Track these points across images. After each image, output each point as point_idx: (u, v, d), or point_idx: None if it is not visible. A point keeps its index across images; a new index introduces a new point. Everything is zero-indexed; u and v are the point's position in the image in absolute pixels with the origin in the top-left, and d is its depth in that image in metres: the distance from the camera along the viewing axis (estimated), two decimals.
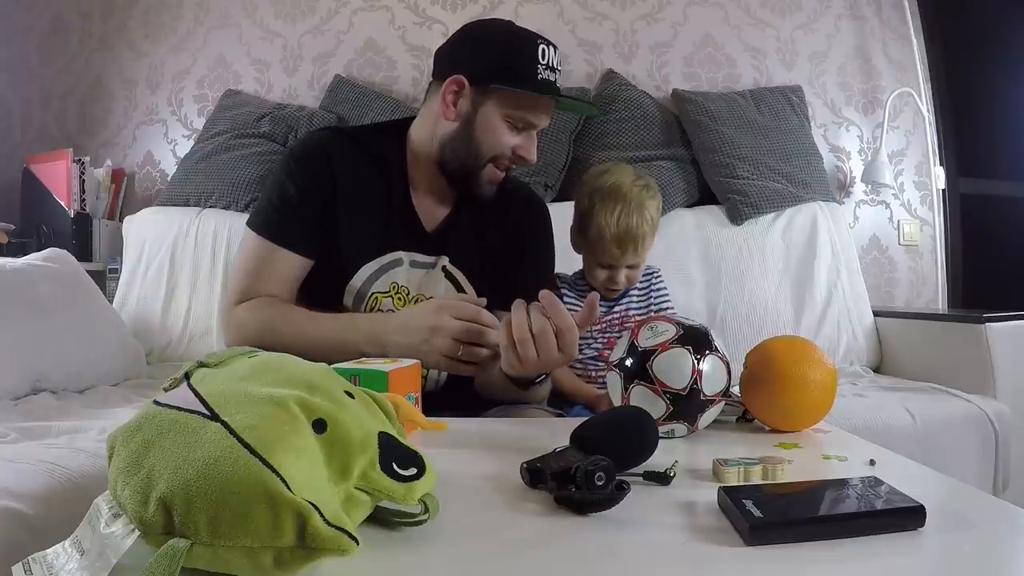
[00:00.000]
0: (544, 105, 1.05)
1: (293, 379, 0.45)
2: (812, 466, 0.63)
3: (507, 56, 1.03)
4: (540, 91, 1.03)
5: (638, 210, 1.19)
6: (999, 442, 1.43)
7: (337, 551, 0.36)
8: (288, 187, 1.06)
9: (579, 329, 0.81)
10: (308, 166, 1.07)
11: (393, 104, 2.21)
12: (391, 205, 1.10)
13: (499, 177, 1.09)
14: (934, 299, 2.30)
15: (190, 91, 2.38)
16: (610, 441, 0.57)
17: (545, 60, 1.02)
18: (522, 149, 1.07)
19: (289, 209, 1.05)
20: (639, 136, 2.11)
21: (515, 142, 1.06)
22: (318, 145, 1.09)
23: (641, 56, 2.33)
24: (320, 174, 1.06)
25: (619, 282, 1.22)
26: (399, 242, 1.09)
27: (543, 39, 1.04)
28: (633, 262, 1.22)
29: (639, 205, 1.20)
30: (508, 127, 1.05)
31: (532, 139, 1.08)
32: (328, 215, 1.06)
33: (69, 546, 0.38)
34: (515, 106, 1.03)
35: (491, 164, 1.07)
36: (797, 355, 0.76)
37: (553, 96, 1.04)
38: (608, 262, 1.22)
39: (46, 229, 2.06)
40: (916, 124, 2.33)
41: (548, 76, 1.03)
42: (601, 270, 1.23)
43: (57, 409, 1.19)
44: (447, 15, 2.32)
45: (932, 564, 0.43)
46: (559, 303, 0.79)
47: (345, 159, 1.08)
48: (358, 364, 0.77)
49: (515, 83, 1.01)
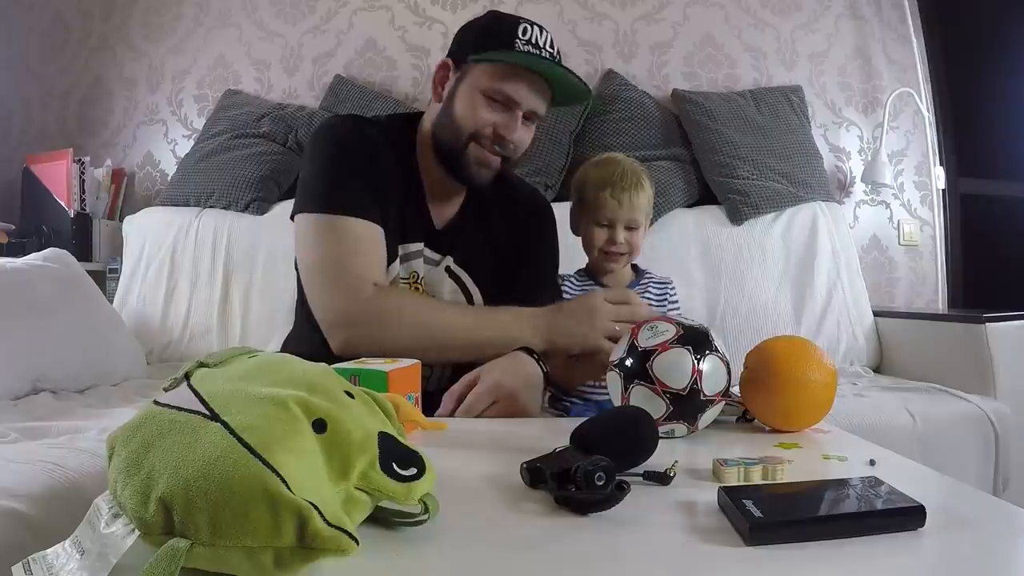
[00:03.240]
0: (523, 78, 1.01)
1: (293, 379, 0.45)
2: (812, 466, 0.63)
3: (484, 32, 1.04)
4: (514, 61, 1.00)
5: (632, 168, 1.24)
6: (999, 442, 1.42)
7: (337, 551, 0.36)
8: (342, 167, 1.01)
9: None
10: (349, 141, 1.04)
11: (393, 104, 2.21)
12: (410, 196, 1.09)
13: (489, 160, 1.05)
14: (934, 299, 2.30)
15: (190, 91, 2.38)
16: (610, 441, 0.57)
17: (526, 36, 1.00)
18: (502, 127, 1.03)
19: (350, 185, 1.00)
20: (639, 136, 2.11)
21: (495, 119, 1.03)
22: (351, 126, 1.07)
23: (641, 56, 2.33)
24: (363, 148, 1.04)
25: (618, 242, 1.22)
26: (420, 233, 1.09)
27: (531, 22, 1.03)
28: (630, 218, 1.22)
29: (632, 165, 1.26)
30: (486, 102, 1.02)
31: (515, 118, 1.03)
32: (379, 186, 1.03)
33: (69, 546, 0.38)
34: (492, 79, 1.01)
35: (474, 143, 1.04)
36: (797, 355, 0.76)
37: (529, 66, 1.00)
38: (607, 216, 1.21)
39: (46, 229, 2.06)
40: (916, 124, 2.33)
41: (529, 50, 1.00)
42: (599, 231, 1.23)
43: (57, 409, 1.19)
44: (447, 15, 2.32)
45: (932, 564, 0.43)
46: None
47: (374, 141, 1.06)
48: (358, 364, 0.77)
49: (485, 52, 1.01)
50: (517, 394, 0.89)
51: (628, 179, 1.21)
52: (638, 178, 1.23)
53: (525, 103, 1.03)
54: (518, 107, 1.03)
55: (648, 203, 1.26)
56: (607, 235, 1.23)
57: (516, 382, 0.91)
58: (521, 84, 1.01)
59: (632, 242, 1.24)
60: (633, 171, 1.24)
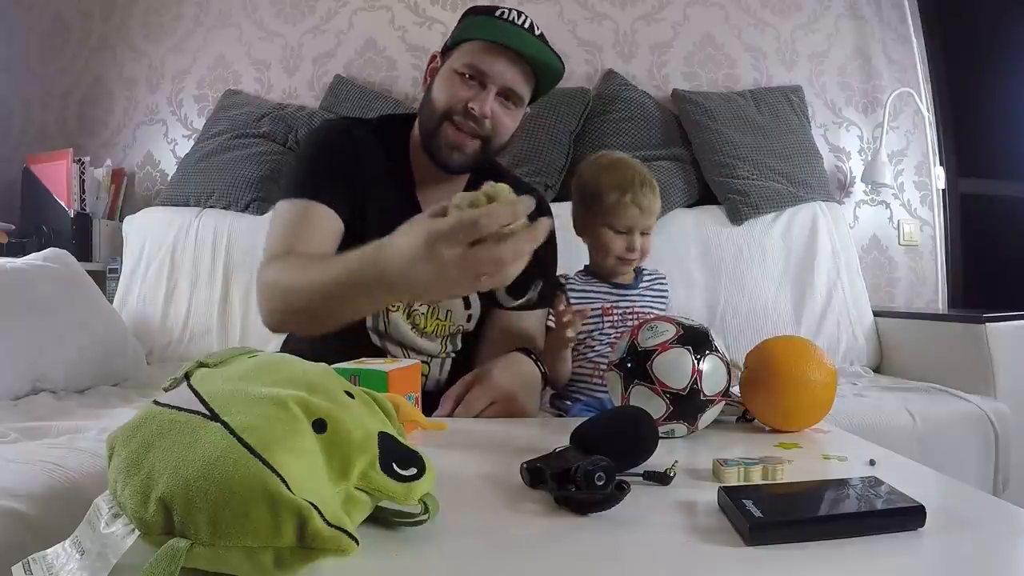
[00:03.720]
0: (498, 54, 1.00)
1: (293, 379, 0.45)
2: (812, 466, 0.63)
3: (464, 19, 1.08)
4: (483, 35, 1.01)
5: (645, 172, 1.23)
6: (999, 442, 1.42)
7: (337, 551, 0.36)
8: (317, 160, 1.05)
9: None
10: (334, 146, 1.07)
11: (393, 104, 2.21)
12: (400, 195, 1.10)
13: (462, 142, 1.04)
14: (934, 299, 2.30)
15: (190, 91, 2.38)
16: (610, 441, 0.57)
17: (502, 16, 1.02)
18: (473, 101, 1.01)
19: (319, 175, 1.04)
20: (639, 136, 2.11)
21: (467, 95, 1.02)
22: (342, 130, 1.10)
23: (641, 56, 2.33)
24: (345, 149, 1.07)
25: (637, 248, 1.22)
26: None
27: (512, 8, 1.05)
28: (647, 224, 1.22)
29: (643, 168, 1.25)
30: (460, 80, 1.02)
31: (488, 93, 1.02)
32: (354, 193, 1.04)
33: (69, 546, 0.38)
34: (464, 57, 1.02)
35: (448, 124, 1.03)
36: (797, 355, 0.76)
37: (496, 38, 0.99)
38: (627, 224, 1.21)
39: (46, 229, 2.06)
40: (916, 124, 2.33)
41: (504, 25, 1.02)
42: (618, 239, 1.22)
43: (57, 409, 1.19)
44: (447, 15, 2.32)
45: (932, 564, 0.43)
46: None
47: (364, 143, 1.09)
48: (358, 364, 0.77)
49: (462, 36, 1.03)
50: (515, 394, 0.89)
51: (647, 184, 1.21)
52: (652, 182, 1.23)
53: (499, 79, 1.02)
54: (492, 82, 1.02)
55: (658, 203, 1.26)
56: (626, 243, 1.22)
57: (514, 382, 0.90)
58: (495, 59, 1.01)
59: (645, 248, 1.24)
60: (647, 175, 1.23)
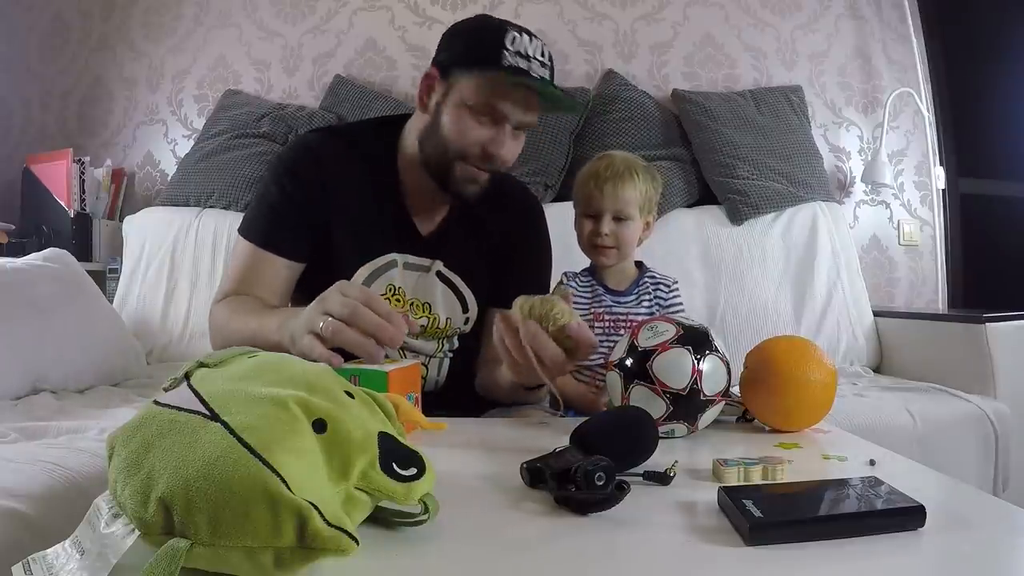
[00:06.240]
0: (512, 92, 0.96)
1: (293, 379, 0.45)
2: (812, 466, 0.63)
3: (469, 43, 0.98)
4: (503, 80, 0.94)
5: (624, 161, 1.20)
6: (999, 442, 1.43)
7: (337, 551, 0.36)
8: (275, 192, 1.04)
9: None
10: (296, 170, 1.05)
11: (393, 104, 2.21)
12: (382, 207, 1.07)
13: (477, 176, 1.01)
14: (934, 299, 2.30)
15: (190, 91, 2.38)
16: (610, 441, 0.57)
17: (514, 46, 0.94)
18: (492, 144, 0.98)
19: (276, 214, 1.03)
20: (639, 136, 2.11)
21: (482, 136, 0.98)
22: (307, 148, 1.07)
23: (641, 56, 2.33)
24: (309, 178, 1.04)
25: (603, 233, 1.19)
26: (392, 244, 1.07)
27: (519, 27, 0.97)
28: (616, 208, 1.18)
29: (626, 158, 1.22)
30: (474, 120, 0.97)
31: (504, 133, 0.98)
32: (320, 218, 1.04)
33: (69, 546, 0.38)
34: (478, 94, 0.96)
35: (461, 162, 0.99)
36: (797, 355, 0.76)
37: (517, 79, 0.94)
38: (593, 207, 1.20)
39: (46, 229, 2.06)
40: (916, 124, 2.33)
41: (518, 63, 0.94)
42: (586, 222, 1.21)
43: (57, 409, 1.18)
44: (447, 15, 2.32)
45: (932, 564, 0.43)
46: (540, 335, 0.74)
47: (336, 160, 1.05)
48: (358, 364, 0.77)
49: (473, 67, 0.96)
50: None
51: (614, 169, 1.18)
52: (628, 169, 1.19)
53: (514, 117, 0.98)
54: (507, 121, 0.98)
55: (642, 196, 1.22)
56: (592, 226, 1.22)
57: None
58: (509, 99, 0.96)
59: (620, 235, 1.21)
60: (625, 162, 1.20)
